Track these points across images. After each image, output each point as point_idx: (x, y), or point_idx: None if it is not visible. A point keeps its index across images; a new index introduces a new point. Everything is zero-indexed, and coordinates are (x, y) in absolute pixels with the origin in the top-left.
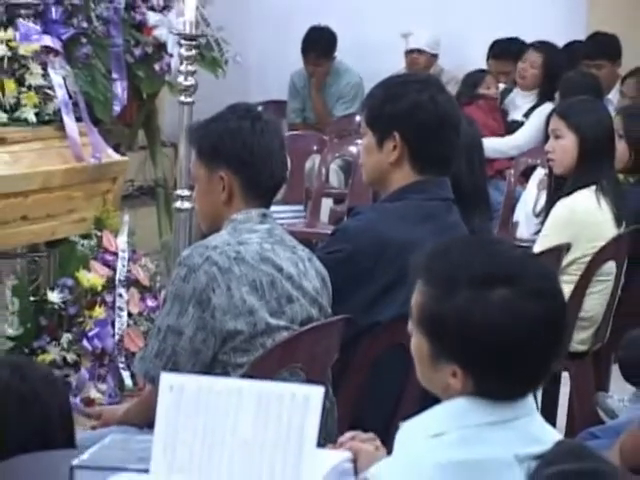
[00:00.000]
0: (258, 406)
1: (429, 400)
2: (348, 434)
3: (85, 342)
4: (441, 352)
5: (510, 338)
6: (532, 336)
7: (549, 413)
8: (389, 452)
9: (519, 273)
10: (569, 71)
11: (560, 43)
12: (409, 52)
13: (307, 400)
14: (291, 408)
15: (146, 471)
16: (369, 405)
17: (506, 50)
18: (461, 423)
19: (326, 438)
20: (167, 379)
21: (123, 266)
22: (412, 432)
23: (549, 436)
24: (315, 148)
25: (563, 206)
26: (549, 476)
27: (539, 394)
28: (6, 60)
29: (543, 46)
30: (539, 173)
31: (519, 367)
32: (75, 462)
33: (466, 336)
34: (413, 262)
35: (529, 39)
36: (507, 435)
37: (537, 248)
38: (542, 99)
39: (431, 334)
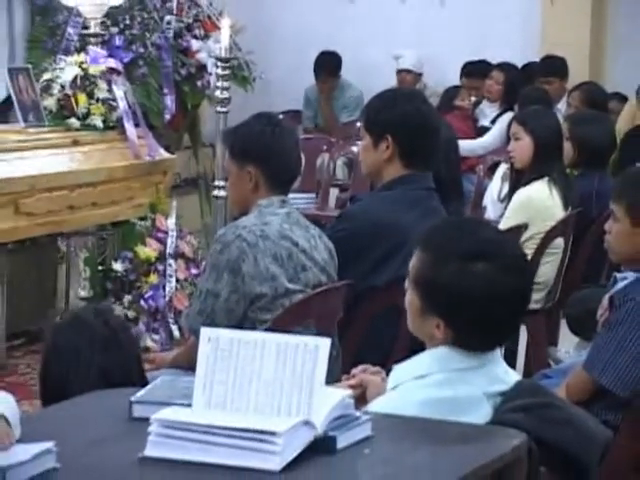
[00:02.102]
0: (278, 354)
1: (415, 349)
2: (360, 367)
3: (142, 302)
4: (428, 307)
5: (487, 303)
6: (504, 302)
7: (510, 359)
8: None
9: (497, 252)
10: (526, 86)
11: (519, 64)
12: (399, 71)
13: (317, 349)
14: (304, 355)
15: (189, 405)
16: (367, 352)
17: (476, 70)
18: (441, 367)
19: (332, 379)
20: (206, 332)
21: (172, 242)
22: (401, 373)
23: (511, 378)
24: (324, 148)
25: (522, 194)
26: (511, 409)
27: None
28: (79, 78)
29: (505, 66)
30: (502, 168)
31: (492, 325)
32: (132, 398)
33: (451, 299)
34: (415, 235)
35: (494, 61)
36: (478, 378)
37: (501, 227)
38: (504, 109)
39: (422, 293)
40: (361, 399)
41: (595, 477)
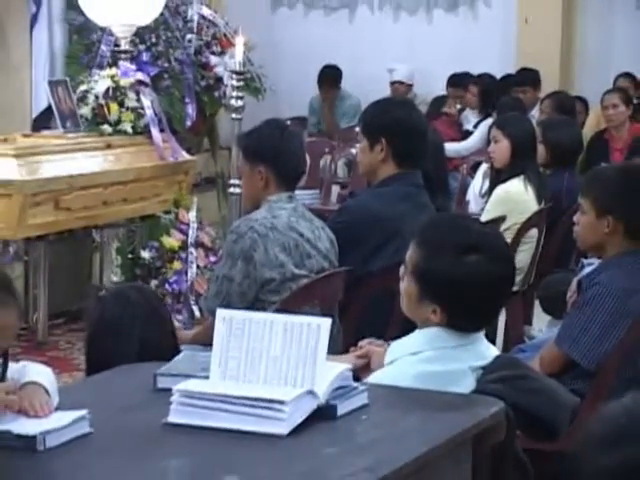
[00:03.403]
0: (285, 332)
1: (407, 327)
2: (366, 340)
3: (167, 286)
4: (426, 295)
5: (479, 289)
6: (494, 287)
7: (491, 336)
8: None
9: (487, 244)
10: (504, 95)
11: (498, 75)
12: (392, 83)
13: (319, 328)
14: (308, 333)
15: (207, 377)
16: (365, 330)
17: (460, 80)
18: (433, 345)
19: (333, 353)
20: (221, 313)
21: (193, 233)
22: (398, 349)
23: (491, 353)
24: (327, 150)
25: (500, 190)
26: (491, 380)
27: None
28: (111, 90)
29: (479, 79)
30: (483, 167)
31: (483, 309)
32: (157, 371)
33: (448, 287)
34: (407, 226)
35: (476, 72)
36: (465, 354)
37: (483, 219)
38: (484, 115)
39: (420, 282)
40: (366, 368)
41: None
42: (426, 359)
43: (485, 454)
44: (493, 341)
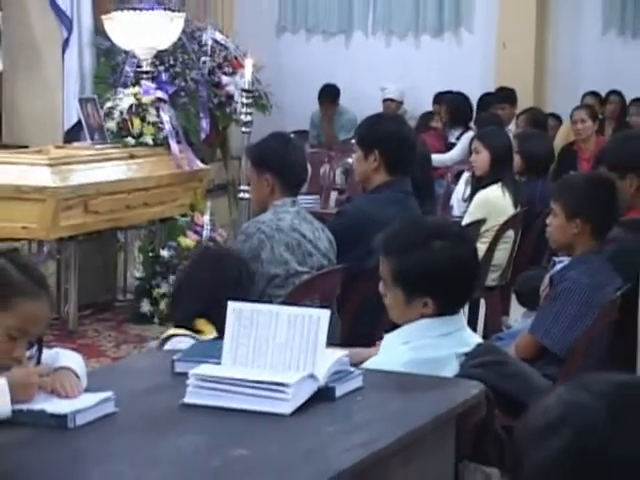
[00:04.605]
0: (289, 322)
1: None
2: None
3: None
4: (412, 294)
5: (454, 269)
6: (465, 265)
7: (472, 325)
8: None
9: (445, 231)
10: (484, 111)
11: (478, 94)
12: (385, 100)
13: (319, 319)
14: (309, 324)
15: (219, 363)
16: (360, 322)
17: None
18: (422, 335)
19: (332, 341)
20: (232, 305)
21: (207, 234)
22: (391, 340)
23: (474, 340)
24: (326, 160)
25: (481, 195)
26: (473, 365)
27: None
28: (134, 106)
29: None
30: (466, 175)
31: (460, 288)
32: (174, 357)
33: (427, 277)
34: (374, 244)
35: (460, 90)
36: (450, 342)
37: (465, 221)
38: (464, 129)
39: (402, 285)
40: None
41: None
42: (416, 347)
43: (467, 430)
44: (475, 330)
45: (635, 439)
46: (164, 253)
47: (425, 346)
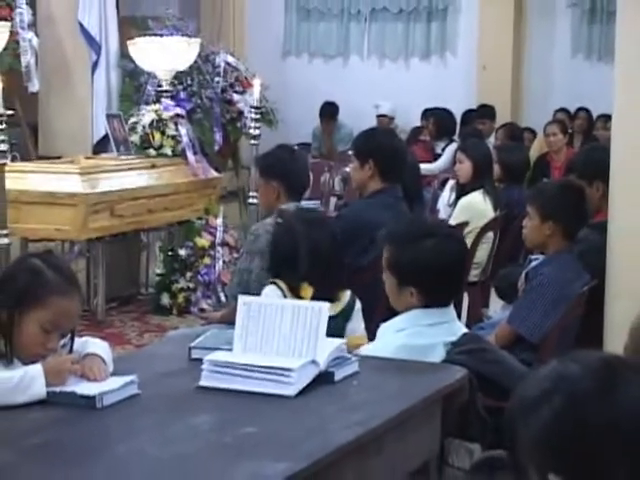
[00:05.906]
0: (293, 314)
1: (392, 309)
2: None
3: (199, 277)
4: (402, 282)
5: (441, 265)
6: (452, 262)
7: (457, 317)
8: (371, 339)
9: (436, 230)
10: (466, 126)
11: (462, 110)
12: (378, 116)
13: (320, 310)
14: (311, 315)
15: (231, 350)
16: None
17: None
18: (413, 323)
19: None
20: (242, 299)
21: (220, 235)
22: (386, 328)
23: (460, 330)
24: (326, 169)
25: (464, 200)
26: (458, 352)
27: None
28: (155, 121)
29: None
30: (451, 182)
31: (447, 282)
32: (191, 344)
33: (416, 270)
34: (380, 237)
35: (447, 107)
36: (439, 331)
37: (450, 223)
38: (449, 142)
39: (396, 273)
40: None
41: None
42: (407, 335)
43: (453, 410)
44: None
45: (619, 407)
46: (182, 252)
47: (415, 334)
